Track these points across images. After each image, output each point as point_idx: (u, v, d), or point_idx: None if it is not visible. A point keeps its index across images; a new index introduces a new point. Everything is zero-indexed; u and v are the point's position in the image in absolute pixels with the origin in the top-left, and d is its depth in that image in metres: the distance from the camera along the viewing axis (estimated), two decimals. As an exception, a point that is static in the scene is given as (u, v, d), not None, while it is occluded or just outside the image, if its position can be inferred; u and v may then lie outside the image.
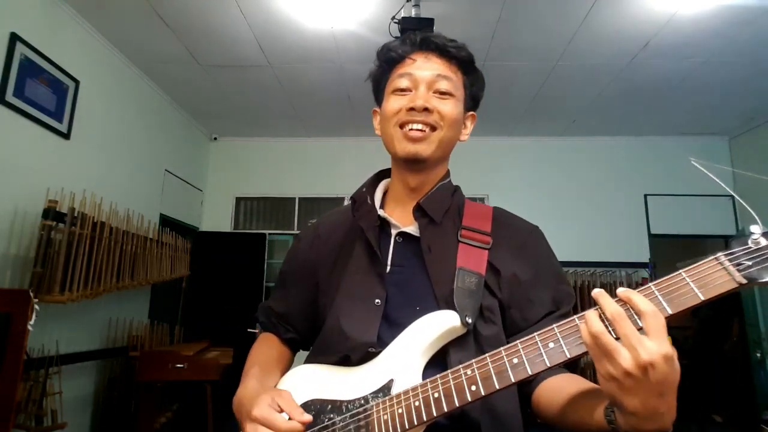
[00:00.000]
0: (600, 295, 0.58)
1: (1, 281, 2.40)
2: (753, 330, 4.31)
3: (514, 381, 0.62)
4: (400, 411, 0.68)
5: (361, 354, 0.76)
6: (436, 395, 0.66)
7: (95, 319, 3.11)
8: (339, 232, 0.94)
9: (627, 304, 0.56)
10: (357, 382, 0.76)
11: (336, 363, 0.79)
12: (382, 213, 0.87)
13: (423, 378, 0.72)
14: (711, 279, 0.55)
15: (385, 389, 0.72)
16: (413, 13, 2.67)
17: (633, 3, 2.75)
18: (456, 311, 0.74)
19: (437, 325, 0.74)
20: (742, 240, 0.57)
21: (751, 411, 4.22)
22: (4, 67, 2.43)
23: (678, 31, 3.00)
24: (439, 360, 0.74)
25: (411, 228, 0.86)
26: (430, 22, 2.59)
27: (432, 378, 0.68)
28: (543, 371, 0.61)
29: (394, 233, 0.87)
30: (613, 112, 4.27)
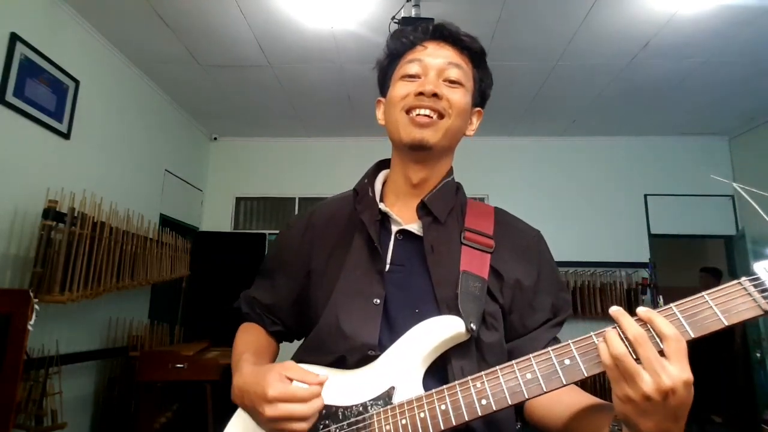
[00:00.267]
0: (620, 315, 0.56)
1: (1, 281, 2.40)
2: (753, 330, 4.31)
3: (527, 397, 0.60)
4: (403, 422, 0.65)
5: (360, 356, 0.73)
6: (443, 407, 0.63)
7: (95, 319, 3.11)
8: (336, 222, 0.89)
9: (648, 324, 0.55)
10: (355, 386, 0.71)
11: (330, 364, 0.75)
12: (383, 207, 0.84)
13: (423, 385, 0.69)
14: (735, 304, 0.54)
15: (386, 397, 0.69)
16: (413, 13, 2.67)
17: (633, 3, 2.75)
18: (461, 317, 0.71)
19: (441, 331, 0.71)
20: (763, 264, 0.55)
21: (751, 411, 4.22)
22: (4, 67, 2.43)
23: (678, 31, 3.00)
24: (439, 366, 0.72)
25: (413, 226, 0.82)
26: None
27: (438, 389, 0.65)
28: (558, 388, 0.59)
29: (394, 230, 0.83)
30: (613, 112, 4.27)
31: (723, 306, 0.54)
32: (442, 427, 0.62)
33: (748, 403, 4.33)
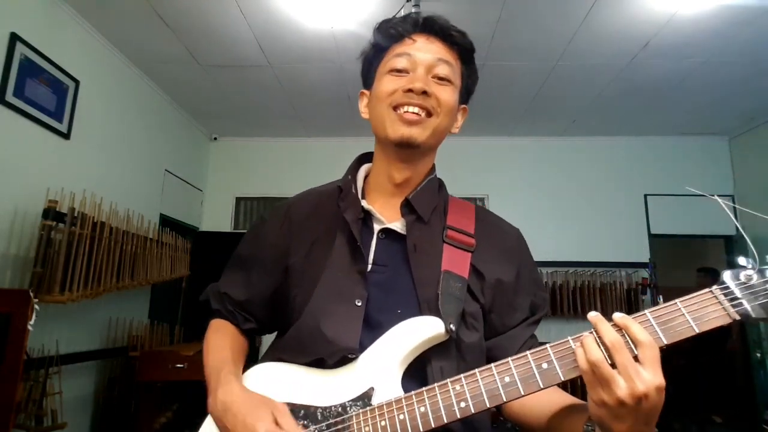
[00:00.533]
0: (599, 321, 0.58)
1: (1, 281, 2.40)
2: (753, 330, 4.32)
3: (505, 400, 0.61)
4: (383, 423, 0.65)
5: (338, 358, 0.72)
6: (422, 409, 0.63)
7: (95, 319, 3.11)
8: (315, 219, 0.87)
9: (624, 330, 0.56)
10: (333, 387, 0.71)
11: (308, 364, 0.74)
12: (366, 205, 0.82)
13: (402, 385, 0.69)
14: (706, 312, 0.56)
15: (365, 398, 0.68)
16: (413, 13, 2.67)
17: (633, 3, 2.75)
18: (441, 317, 0.70)
19: (420, 332, 0.70)
20: (735, 273, 0.58)
21: (751, 411, 4.22)
22: (4, 67, 2.42)
23: (678, 31, 3.00)
24: (418, 367, 0.71)
25: (396, 224, 0.81)
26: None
27: (417, 391, 0.65)
28: (536, 391, 0.60)
29: (377, 228, 0.81)
30: (613, 112, 4.27)
31: (695, 314, 0.57)
32: (421, 429, 0.62)
33: (748, 403, 4.33)
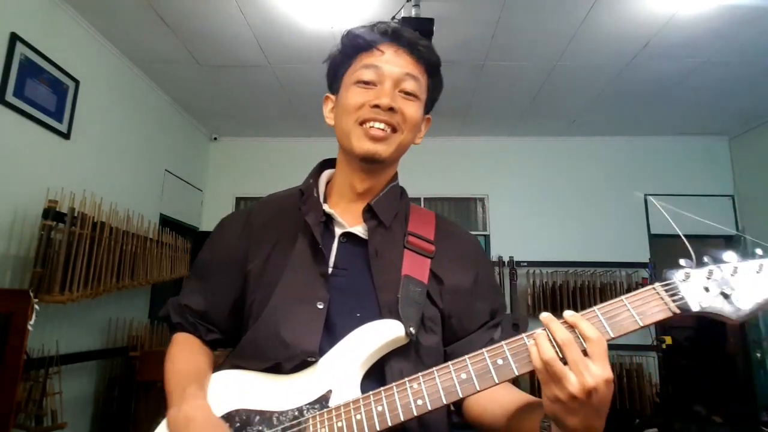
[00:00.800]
0: (550, 320, 0.59)
1: (1, 281, 2.40)
2: (753, 330, 4.31)
3: (461, 396, 0.62)
4: (339, 424, 0.64)
5: (297, 362, 0.71)
6: (379, 409, 0.63)
7: (95, 319, 3.11)
8: (276, 223, 0.86)
9: (574, 328, 0.59)
10: (290, 391, 0.70)
11: (265, 370, 0.73)
12: (327, 209, 0.83)
13: (360, 388, 0.69)
14: (649, 307, 0.60)
15: (323, 400, 0.68)
16: (413, 13, 2.67)
17: (633, 3, 2.75)
18: (401, 321, 0.71)
19: (380, 335, 0.70)
20: (676, 271, 0.62)
21: (751, 411, 4.22)
22: (4, 67, 2.42)
23: (678, 31, 3.00)
24: (377, 369, 0.71)
25: (358, 229, 0.82)
26: (430, 22, 2.59)
27: (375, 391, 0.65)
28: (491, 386, 0.62)
29: (338, 232, 0.82)
30: (613, 112, 4.27)
31: (639, 308, 0.60)
32: (378, 428, 0.63)
33: (748, 403, 4.33)
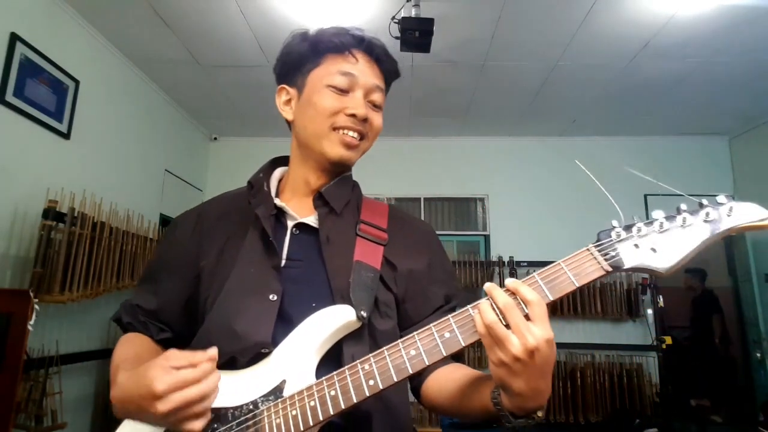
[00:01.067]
0: (492, 288, 0.61)
1: (1, 281, 2.40)
2: (753, 330, 4.32)
3: (411, 372, 0.63)
4: (294, 413, 0.64)
5: (252, 355, 0.70)
6: (332, 393, 0.64)
7: (95, 319, 3.11)
8: (227, 219, 0.86)
9: (515, 294, 0.61)
10: (245, 385, 0.69)
11: (220, 366, 0.70)
12: (278, 202, 0.83)
13: (317, 376, 0.68)
14: (583, 268, 0.63)
15: (277, 391, 0.67)
16: (413, 13, 2.67)
17: (633, 3, 2.75)
18: (352, 305, 0.72)
19: (332, 321, 0.71)
20: (606, 232, 0.66)
21: (751, 411, 4.22)
22: (4, 67, 2.42)
23: (678, 31, 3.00)
24: (333, 356, 0.72)
25: (310, 218, 0.82)
26: (430, 22, 2.59)
27: (328, 376, 0.65)
28: (439, 360, 0.63)
29: (290, 225, 0.82)
30: (613, 112, 4.27)
31: (575, 270, 0.62)
32: (331, 413, 0.63)
33: (748, 403, 4.33)
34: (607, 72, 3.56)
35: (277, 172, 0.92)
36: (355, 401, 0.63)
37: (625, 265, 0.62)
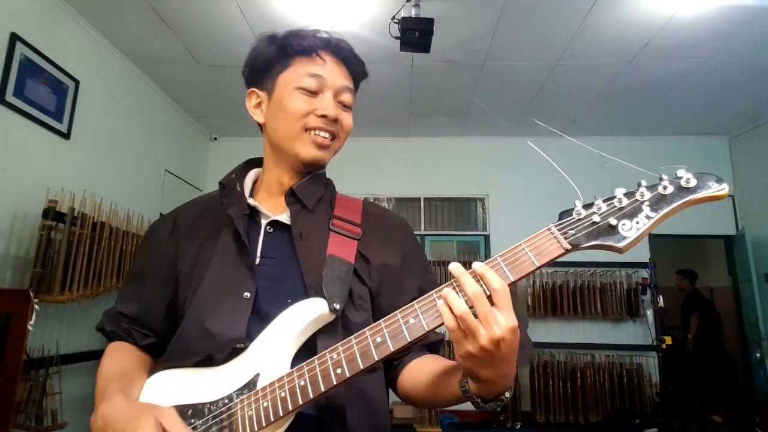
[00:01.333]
0: (461, 274, 0.60)
1: (1, 281, 2.40)
2: (753, 330, 4.31)
3: (377, 359, 0.63)
4: (265, 404, 0.65)
5: (227, 352, 0.71)
6: (302, 383, 0.65)
7: (95, 319, 3.07)
8: (202, 221, 0.87)
9: (481, 279, 0.60)
10: (220, 381, 0.71)
11: (196, 364, 0.73)
12: (252, 201, 0.84)
13: (291, 368, 0.69)
14: (544, 247, 0.63)
15: (251, 384, 0.69)
16: (413, 13, 2.67)
17: (633, 3, 2.75)
18: (324, 298, 0.72)
19: (305, 314, 0.72)
20: (568, 212, 0.66)
21: (751, 411, 4.22)
22: (4, 67, 2.43)
23: (678, 32, 3.00)
24: (308, 349, 0.72)
25: (282, 216, 0.83)
26: (430, 22, 2.59)
27: (298, 366, 0.66)
28: (404, 346, 0.63)
29: (264, 223, 0.83)
30: (613, 112, 4.27)
31: (536, 250, 0.62)
32: (300, 402, 0.64)
33: (747, 403, 4.33)
34: (607, 72, 3.56)
35: (252, 173, 0.93)
36: (323, 389, 0.64)
37: (584, 243, 0.62)
